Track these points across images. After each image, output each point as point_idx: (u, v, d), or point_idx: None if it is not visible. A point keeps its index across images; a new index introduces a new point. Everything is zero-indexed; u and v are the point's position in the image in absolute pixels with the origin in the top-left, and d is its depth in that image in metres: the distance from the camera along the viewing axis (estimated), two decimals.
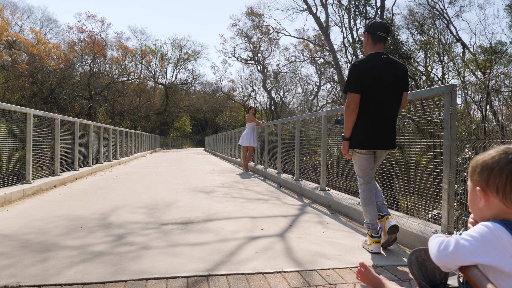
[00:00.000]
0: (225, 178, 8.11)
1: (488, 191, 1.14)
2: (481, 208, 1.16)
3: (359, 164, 2.85)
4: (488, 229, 1.06)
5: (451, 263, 1.07)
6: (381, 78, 2.66)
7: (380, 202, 2.88)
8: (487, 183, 1.14)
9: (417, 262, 1.35)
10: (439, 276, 1.32)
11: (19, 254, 2.59)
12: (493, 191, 1.12)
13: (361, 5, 21.17)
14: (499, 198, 1.11)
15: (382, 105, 2.68)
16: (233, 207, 4.54)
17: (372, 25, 2.76)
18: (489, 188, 1.14)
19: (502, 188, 1.11)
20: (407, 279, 2.20)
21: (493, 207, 1.13)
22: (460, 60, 20.55)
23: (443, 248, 1.09)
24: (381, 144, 2.75)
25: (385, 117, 2.71)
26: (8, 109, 5.35)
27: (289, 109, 40.09)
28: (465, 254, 1.04)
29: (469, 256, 1.04)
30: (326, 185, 5.28)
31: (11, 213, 4.10)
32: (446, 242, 1.09)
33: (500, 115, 3.36)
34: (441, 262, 1.09)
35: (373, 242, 2.72)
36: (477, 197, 1.18)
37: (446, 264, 1.08)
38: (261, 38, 34.63)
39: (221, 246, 2.82)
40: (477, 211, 1.19)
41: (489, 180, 1.14)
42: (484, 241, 1.04)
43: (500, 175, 1.11)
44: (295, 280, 2.15)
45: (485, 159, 1.17)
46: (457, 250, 1.05)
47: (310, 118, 6.42)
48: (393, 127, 2.80)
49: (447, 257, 1.07)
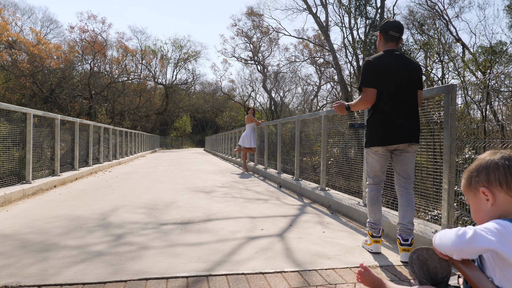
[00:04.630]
0: (225, 178, 8.11)
1: (492, 188, 1.19)
2: (488, 210, 1.20)
3: (370, 164, 2.77)
4: (499, 224, 1.11)
5: (467, 249, 1.11)
6: (393, 73, 2.60)
7: (404, 226, 2.59)
8: (489, 180, 1.19)
9: (418, 260, 1.36)
10: (441, 275, 1.32)
11: (19, 254, 2.59)
12: (497, 186, 1.18)
13: (362, 5, 21.17)
14: (504, 190, 1.16)
15: (395, 100, 2.59)
16: (233, 207, 4.54)
17: (385, 24, 2.74)
18: (492, 185, 1.19)
19: (504, 180, 1.17)
20: (407, 279, 2.20)
21: (500, 203, 1.18)
22: (460, 60, 20.55)
23: (462, 234, 1.13)
24: (397, 139, 2.58)
25: (400, 112, 2.59)
26: (8, 109, 5.35)
27: (289, 109, 40.08)
28: (482, 240, 1.09)
29: (486, 243, 1.08)
30: (326, 185, 5.28)
31: (11, 213, 4.10)
32: (464, 229, 1.13)
33: (500, 115, 3.36)
34: (459, 247, 1.13)
35: (373, 242, 2.71)
36: (482, 201, 1.21)
37: (463, 249, 1.12)
38: (261, 38, 34.64)
39: (221, 246, 2.82)
40: (484, 217, 1.22)
41: (489, 177, 1.19)
42: (498, 232, 1.09)
43: (497, 169, 1.18)
44: (295, 280, 2.15)
45: (478, 163, 1.25)
46: (475, 236, 1.10)
47: (310, 118, 6.42)
48: (411, 122, 2.61)
49: (466, 242, 1.11)
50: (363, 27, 22.40)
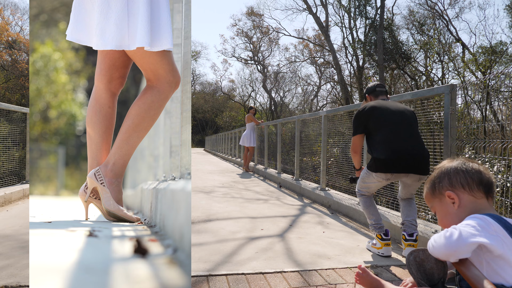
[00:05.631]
0: (225, 178, 8.11)
1: (456, 190, 1.31)
2: (456, 212, 1.31)
3: (365, 182, 2.72)
4: (476, 217, 1.20)
5: (460, 249, 1.16)
6: (388, 109, 2.62)
7: (409, 222, 2.62)
8: (452, 184, 1.32)
9: (415, 262, 1.37)
10: (437, 276, 1.34)
11: (19, 254, 2.59)
12: (460, 188, 1.31)
13: (361, 5, 21.17)
14: (467, 191, 1.29)
15: (396, 129, 2.55)
16: (233, 207, 4.54)
17: (369, 88, 2.90)
18: (455, 188, 1.32)
19: (465, 181, 1.30)
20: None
21: (466, 204, 1.30)
22: (460, 60, 20.54)
23: (449, 236, 1.19)
24: (400, 167, 2.48)
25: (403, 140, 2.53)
26: (8, 109, 5.35)
27: (289, 109, 40.08)
28: (469, 236, 1.15)
29: (473, 237, 1.14)
30: (326, 185, 5.29)
31: (11, 213, 4.10)
32: (450, 230, 1.20)
33: (500, 115, 3.36)
34: (451, 250, 1.18)
35: (383, 246, 2.62)
36: (448, 205, 1.33)
37: (456, 250, 1.17)
38: (261, 38, 34.65)
39: (221, 246, 2.82)
40: (452, 220, 1.31)
41: (452, 182, 1.32)
42: (479, 226, 1.17)
43: (458, 174, 1.32)
44: (295, 280, 2.15)
45: (438, 171, 1.38)
46: (461, 234, 1.16)
47: (310, 118, 6.43)
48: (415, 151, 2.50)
49: (455, 244, 1.16)
50: (363, 27, 22.41)
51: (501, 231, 1.17)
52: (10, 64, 26.19)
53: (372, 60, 21.11)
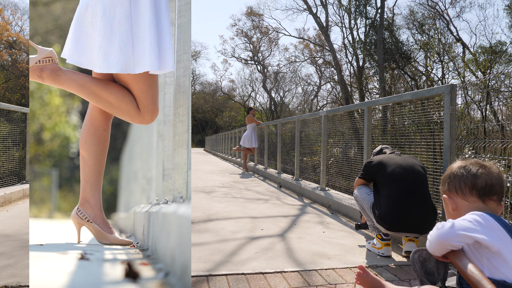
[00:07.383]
0: (225, 178, 8.12)
1: (451, 195, 1.39)
2: (453, 214, 1.37)
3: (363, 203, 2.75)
4: (475, 214, 1.24)
5: (451, 238, 1.21)
6: (397, 164, 2.60)
7: None
8: (448, 188, 1.40)
9: (419, 260, 1.43)
10: (437, 275, 1.40)
11: (19, 254, 2.59)
12: (453, 192, 1.38)
13: (362, 5, 21.16)
14: (460, 196, 1.36)
15: (404, 186, 2.49)
16: (233, 207, 4.54)
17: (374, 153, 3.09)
18: (451, 192, 1.39)
19: (458, 186, 1.36)
20: (407, 279, 2.20)
21: (460, 207, 1.36)
22: (460, 60, 20.54)
23: (441, 226, 1.26)
24: (400, 230, 2.45)
25: (409, 200, 2.45)
26: (8, 109, 5.36)
27: (289, 109, 40.08)
28: (461, 228, 1.21)
29: (465, 230, 1.19)
30: (326, 185, 5.29)
31: (11, 213, 4.10)
32: (443, 223, 1.27)
33: (500, 115, 3.36)
34: (442, 238, 1.23)
35: (384, 246, 2.62)
36: (448, 207, 1.41)
37: (448, 239, 1.22)
38: (261, 38, 34.65)
39: (221, 246, 2.82)
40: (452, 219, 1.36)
41: (449, 186, 1.40)
42: (476, 221, 1.21)
43: (455, 178, 1.38)
44: (295, 280, 2.15)
45: (445, 173, 1.45)
46: (455, 225, 1.22)
47: (310, 118, 6.43)
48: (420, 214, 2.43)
49: (446, 233, 1.23)
50: (363, 27, 22.41)
51: (498, 228, 1.19)
52: (10, 64, 26.19)
53: (372, 60, 21.11)
